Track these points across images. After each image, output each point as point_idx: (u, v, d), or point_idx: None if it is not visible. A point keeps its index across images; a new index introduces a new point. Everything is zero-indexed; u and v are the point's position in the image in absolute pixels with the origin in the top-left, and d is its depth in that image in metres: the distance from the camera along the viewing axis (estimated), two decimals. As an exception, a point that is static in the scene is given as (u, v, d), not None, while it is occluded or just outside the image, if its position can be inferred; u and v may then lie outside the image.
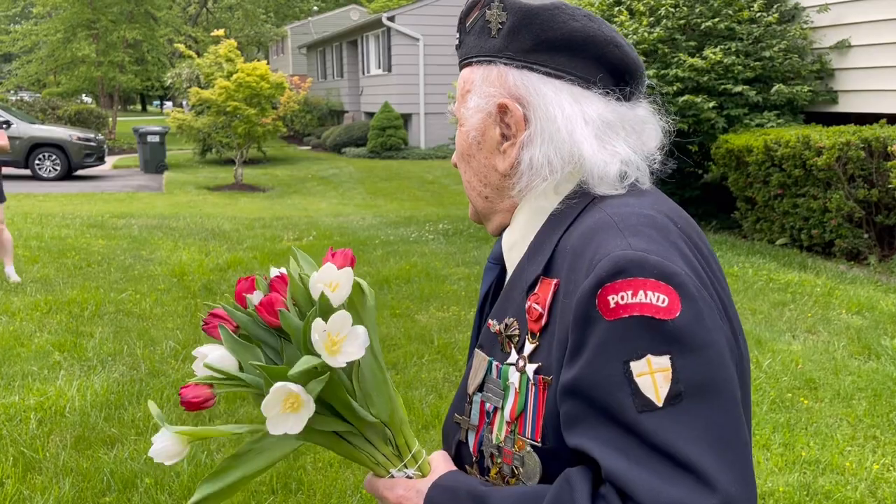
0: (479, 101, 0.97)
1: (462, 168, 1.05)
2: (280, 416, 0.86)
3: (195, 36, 27.33)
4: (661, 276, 0.79)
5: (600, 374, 0.79)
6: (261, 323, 0.94)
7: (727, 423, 0.77)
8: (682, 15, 7.78)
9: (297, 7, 36.79)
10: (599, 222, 0.87)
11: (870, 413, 3.70)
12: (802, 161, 6.62)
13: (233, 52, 15.77)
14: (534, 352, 0.89)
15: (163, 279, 6.81)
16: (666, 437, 0.75)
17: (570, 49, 0.93)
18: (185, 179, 16.39)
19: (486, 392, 0.95)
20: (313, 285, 0.94)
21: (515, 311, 0.94)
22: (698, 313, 0.79)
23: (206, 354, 0.93)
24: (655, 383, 0.77)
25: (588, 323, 0.80)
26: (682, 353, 0.77)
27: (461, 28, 1.03)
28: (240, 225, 10.05)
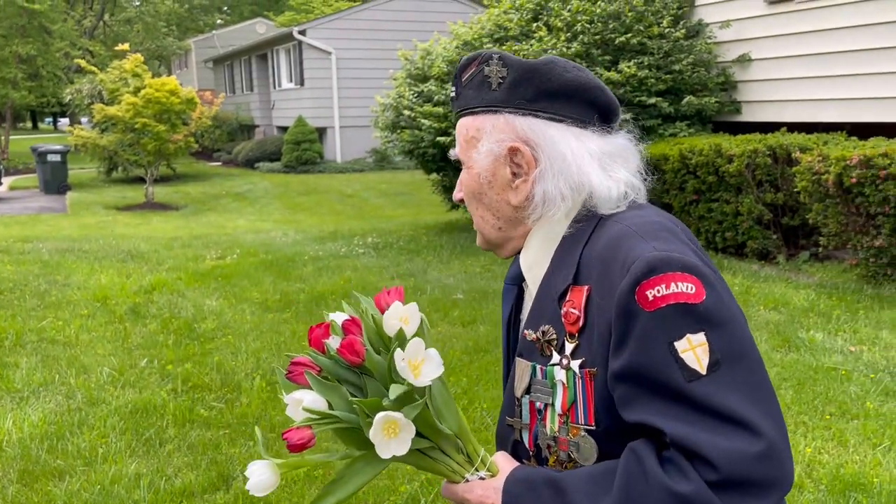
0: (490, 146, 1.12)
1: (473, 205, 1.19)
2: (385, 440, 0.98)
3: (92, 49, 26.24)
4: (685, 268, 0.95)
5: (649, 357, 0.94)
6: (342, 364, 1.04)
7: (759, 379, 0.95)
8: (598, 31, 8.13)
9: (201, 20, 35.93)
10: (620, 232, 1.04)
11: (797, 401, 3.98)
12: (715, 168, 7.03)
13: (139, 67, 15.30)
14: (575, 350, 1.04)
15: (85, 304, 6.54)
16: (715, 399, 0.91)
17: (567, 96, 1.11)
18: (92, 200, 15.71)
19: (535, 393, 1.08)
20: (387, 322, 1.05)
21: (549, 318, 1.08)
22: (718, 295, 0.96)
23: (300, 399, 1.02)
24: (697, 356, 0.92)
25: (630, 316, 0.95)
26: (713, 329, 0.93)
27: (457, 82, 1.17)
28: (157, 245, 9.74)
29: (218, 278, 7.53)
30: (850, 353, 4.61)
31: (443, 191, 10.53)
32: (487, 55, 1.13)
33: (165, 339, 5.47)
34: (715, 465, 0.89)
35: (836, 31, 7.23)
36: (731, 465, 0.89)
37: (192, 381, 4.56)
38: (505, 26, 8.58)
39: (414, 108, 8.79)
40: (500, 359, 1.33)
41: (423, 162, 9.59)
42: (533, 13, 8.63)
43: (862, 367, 4.38)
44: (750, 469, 0.89)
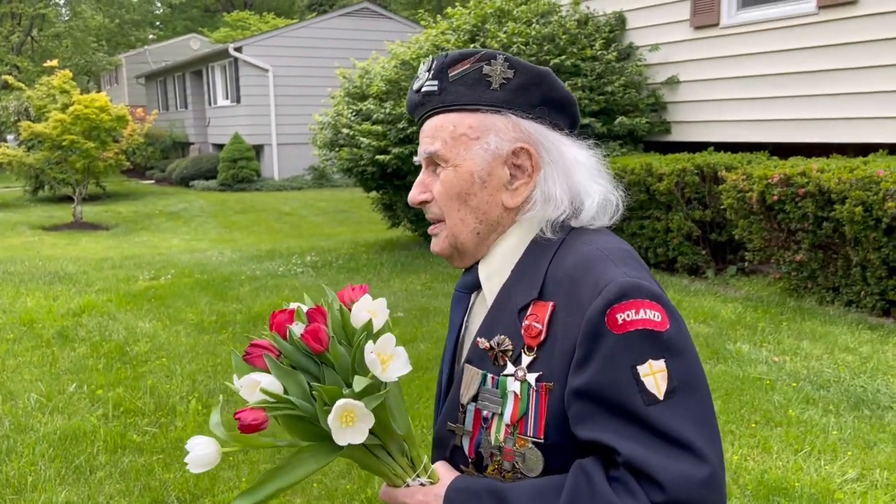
0: (495, 144, 1.12)
1: (453, 206, 1.15)
2: (341, 428, 0.97)
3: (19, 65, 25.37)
4: (653, 297, 1.00)
5: (612, 378, 0.97)
6: (303, 351, 1.04)
7: (707, 408, 1.00)
8: (533, 52, 8.31)
9: (133, 35, 35.14)
10: (591, 255, 1.07)
11: (724, 410, 4.13)
12: (646, 186, 7.25)
13: (68, 84, 14.87)
14: (532, 362, 1.05)
15: (10, 328, 6.31)
16: (669, 424, 0.95)
17: (562, 107, 1.16)
18: (17, 220, 15.13)
19: (482, 401, 1.09)
20: (356, 314, 1.06)
21: (506, 329, 1.09)
22: (680, 325, 1.02)
23: (258, 381, 1.01)
24: (657, 382, 0.96)
25: (598, 337, 0.98)
26: (673, 357, 0.98)
27: (440, 77, 1.14)
28: (86, 266, 9.45)
29: (151, 300, 7.36)
30: (773, 364, 4.81)
31: (382, 208, 10.54)
32: (491, 53, 1.14)
33: (95, 363, 5.32)
34: (663, 487, 0.92)
35: (757, 56, 7.58)
36: (678, 489, 0.92)
37: (123, 406, 4.44)
38: (442, 47, 8.69)
39: (353, 126, 8.80)
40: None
41: (362, 180, 9.59)
42: (470, 34, 8.77)
43: (785, 377, 4.58)
44: (694, 493, 0.93)
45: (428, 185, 1.17)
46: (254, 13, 36.56)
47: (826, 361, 4.82)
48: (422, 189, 1.18)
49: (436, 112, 1.15)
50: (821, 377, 4.56)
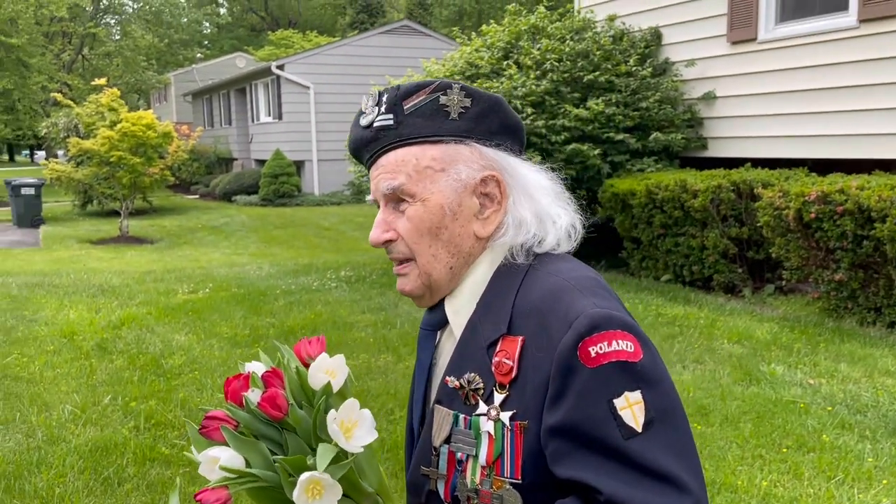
0: (463, 175, 1.08)
1: (424, 243, 1.10)
2: (308, 502, 0.93)
3: (70, 83, 26.24)
4: (625, 327, 0.98)
5: (588, 413, 0.94)
6: (262, 418, 0.99)
7: (685, 437, 0.97)
8: (566, 69, 8.30)
9: (181, 54, 36.08)
10: (558, 286, 1.04)
11: (755, 434, 4.03)
12: (681, 203, 7.16)
13: (116, 102, 15.32)
14: (505, 401, 1.01)
15: (51, 340, 6.48)
16: (649, 457, 0.92)
17: (515, 133, 1.14)
18: (65, 233, 15.59)
19: (455, 443, 1.05)
20: (314, 375, 1.01)
21: (475, 366, 1.05)
22: (653, 354, 0.99)
23: (216, 457, 0.96)
24: (634, 414, 0.94)
25: (571, 372, 0.96)
26: (648, 387, 0.96)
27: (395, 110, 1.09)
28: (129, 279, 9.68)
29: (189, 313, 7.50)
30: (808, 387, 4.69)
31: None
32: (445, 83, 1.10)
33: (131, 376, 5.43)
34: None
35: (796, 71, 7.45)
36: None
37: (155, 419, 4.53)
38: (476, 64, 8.74)
39: (387, 143, 8.87)
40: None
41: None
42: (504, 51, 8.80)
43: (820, 401, 4.45)
44: None
45: (391, 223, 1.12)
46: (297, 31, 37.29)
47: (864, 385, 4.68)
48: (384, 228, 1.12)
49: (393, 147, 1.10)
50: (858, 401, 4.43)
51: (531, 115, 8.01)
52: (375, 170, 1.12)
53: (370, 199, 1.15)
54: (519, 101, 8.04)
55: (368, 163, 1.13)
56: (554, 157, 8.02)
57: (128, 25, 32.55)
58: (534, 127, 7.94)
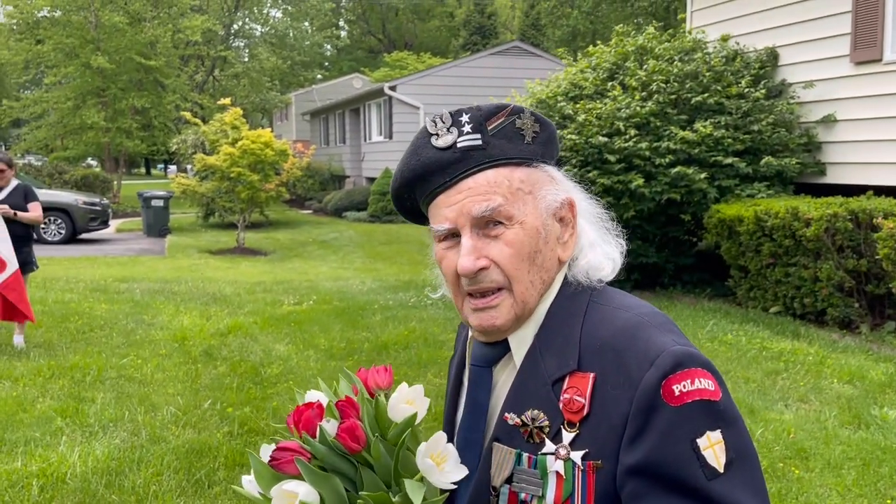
0: (549, 198, 1.07)
1: (523, 269, 1.05)
2: None
3: (201, 102, 28.00)
4: (704, 365, 0.96)
5: (670, 452, 0.92)
6: (338, 451, 0.95)
7: (761, 477, 0.97)
8: (673, 90, 8.09)
9: (302, 76, 37.76)
10: (632, 322, 1.01)
11: (858, 482, 3.75)
12: (792, 231, 6.79)
13: (238, 120, 16.19)
14: (575, 439, 0.98)
15: (164, 344, 6.90)
16: (731, 497, 0.91)
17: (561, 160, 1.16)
18: (188, 243, 16.59)
19: (518, 482, 1.01)
20: (395, 406, 0.98)
21: (539, 403, 1.01)
22: (727, 393, 0.98)
23: (295, 492, 0.92)
24: (716, 454, 0.93)
25: (653, 410, 0.94)
26: (728, 427, 0.95)
27: (480, 129, 1.05)
28: (241, 289, 10.16)
29: (291, 324, 7.79)
30: (925, 435, 4.31)
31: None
32: (518, 108, 1.08)
33: (231, 382, 5.70)
34: None
35: (927, 93, 6.94)
36: None
37: (248, 425, 4.73)
38: (580, 85, 8.66)
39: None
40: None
41: (496, 216, 9.67)
42: (609, 72, 8.68)
43: (937, 451, 4.09)
44: None
45: (481, 249, 1.04)
46: (412, 53, 38.23)
47: None
48: (477, 255, 1.03)
49: (482, 168, 1.05)
50: (982, 455, 4.03)
51: (634, 137, 7.85)
52: (457, 193, 1.05)
53: (442, 228, 1.06)
54: (622, 123, 7.90)
55: (442, 188, 1.06)
56: (658, 179, 7.82)
57: (255, 48, 34.45)
58: (637, 149, 7.77)
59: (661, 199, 7.89)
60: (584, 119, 8.08)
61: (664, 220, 8.44)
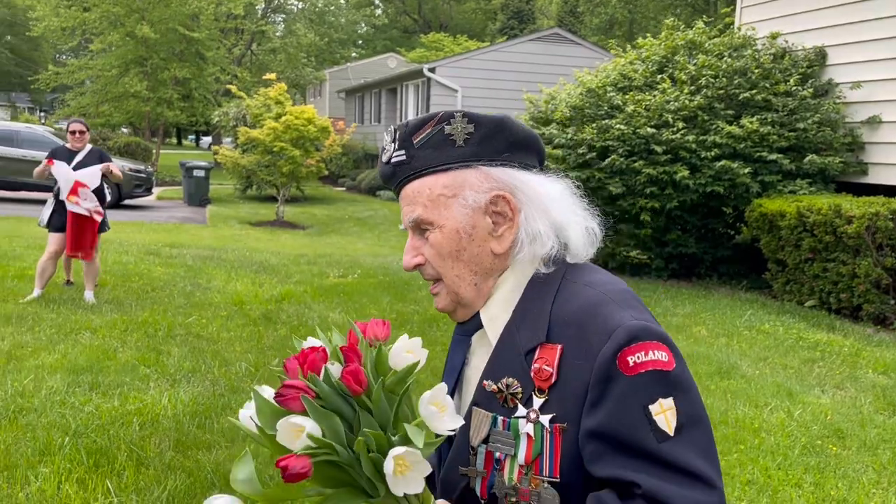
0: (471, 199, 1.15)
1: (447, 265, 1.18)
2: (397, 478, 0.97)
3: (239, 76, 28.40)
4: (660, 338, 1.06)
5: (625, 418, 1.03)
6: (340, 392, 1.01)
7: (711, 440, 1.08)
8: (722, 85, 8.28)
9: (339, 53, 38.01)
10: (595, 298, 1.11)
11: (893, 462, 4.02)
12: (833, 228, 7.00)
13: (282, 95, 16.54)
14: (544, 405, 1.09)
15: (224, 307, 7.27)
16: (681, 458, 1.02)
17: (526, 147, 1.20)
18: (228, 214, 17.02)
19: (494, 443, 1.12)
20: (397, 355, 1.04)
21: (513, 371, 1.12)
22: (683, 364, 1.08)
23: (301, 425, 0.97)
24: (667, 419, 1.03)
25: (610, 380, 1.04)
26: (680, 395, 1.05)
27: (406, 146, 1.17)
28: (285, 260, 10.53)
29: (340, 294, 8.14)
30: (958, 424, 4.56)
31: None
32: (448, 113, 1.16)
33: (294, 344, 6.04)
34: None
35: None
36: None
37: (317, 382, 5.08)
38: (630, 76, 8.87)
39: (534, 149, 9.18)
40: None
41: (539, 201, 9.93)
42: (658, 65, 8.88)
43: (969, 439, 4.34)
44: None
45: (418, 248, 1.20)
46: (448, 35, 38.32)
47: None
48: (414, 253, 1.20)
49: (409, 179, 1.18)
50: None
51: (682, 130, 8.06)
52: (401, 201, 1.21)
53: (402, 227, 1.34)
54: (671, 115, 8.12)
55: (395, 194, 1.23)
56: (702, 172, 8.04)
57: (293, 24, 34.76)
58: (683, 141, 7.99)
59: (704, 191, 8.12)
60: (633, 110, 8.31)
61: (705, 212, 8.67)
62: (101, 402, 4.41)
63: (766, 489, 3.66)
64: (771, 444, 4.19)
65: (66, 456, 3.63)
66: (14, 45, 49.90)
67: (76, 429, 3.96)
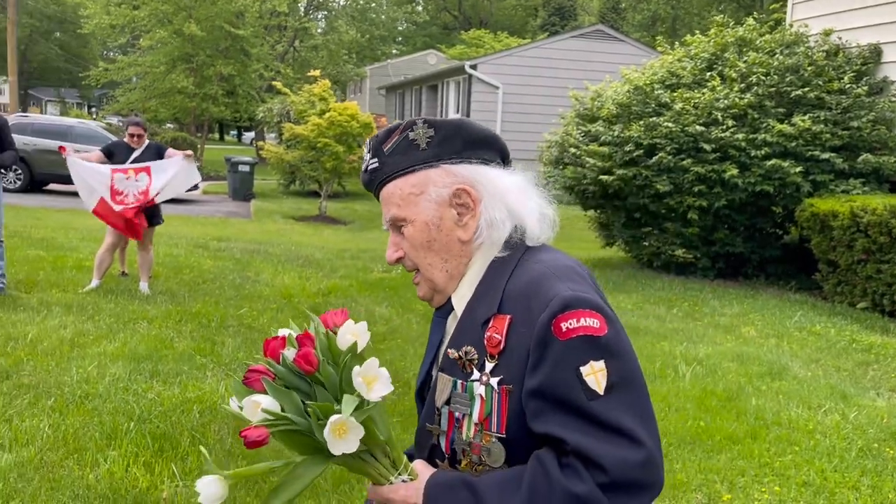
0: (437, 193, 1.30)
1: (421, 255, 1.32)
2: (336, 440, 1.13)
3: (282, 72, 28.75)
4: (592, 307, 1.17)
5: (559, 378, 1.14)
6: (296, 373, 1.19)
7: (644, 402, 1.17)
8: (773, 83, 8.16)
9: (380, 50, 38.23)
10: (540, 273, 1.24)
11: (955, 467, 3.94)
12: (889, 229, 6.87)
13: (326, 92, 16.71)
14: (494, 368, 1.22)
15: (273, 299, 7.41)
16: (609, 415, 1.12)
17: (485, 144, 1.34)
18: (272, 209, 17.27)
19: (454, 404, 1.26)
20: (342, 336, 1.21)
21: (471, 340, 1.25)
22: (617, 331, 1.18)
23: (259, 402, 1.16)
24: (598, 380, 1.14)
25: (546, 344, 1.16)
26: (611, 358, 1.15)
27: (378, 154, 1.33)
28: (329, 255, 10.66)
29: (385, 289, 8.23)
30: None
31: (598, 227, 10.80)
32: (411, 122, 1.31)
33: (343, 337, 6.14)
34: (606, 470, 1.09)
35: None
36: (619, 470, 1.09)
37: (367, 375, 5.16)
38: (678, 74, 8.80)
39: (580, 146, 9.17)
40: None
41: (582, 198, 9.92)
42: (708, 62, 8.79)
43: None
44: (633, 474, 1.10)
45: (398, 244, 1.34)
46: (488, 31, 38.26)
47: None
48: (395, 249, 1.35)
49: (383, 183, 1.33)
50: None
51: (731, 128, 7.98)
52: (381, 204, 1.36)
53: (384, 227, 1.39)
54: (720, 113, 8.03)
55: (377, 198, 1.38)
56: (751, 170, 7.94)
57: (335, 21, 35.05)
58: (733, 139, 7.90)
59: (753, 190, 8.02)
60: (682, 108, 8.24)
61: (753, 211, 8.56)
62: (161, 389, 4.55)
63: (823, 491, 3.63)
64: (826, 446, 4.15)
65: (132, 440, 3.76)
66: (63, 41, 51.18)
67: (140, 414, 4.09)
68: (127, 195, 6.89)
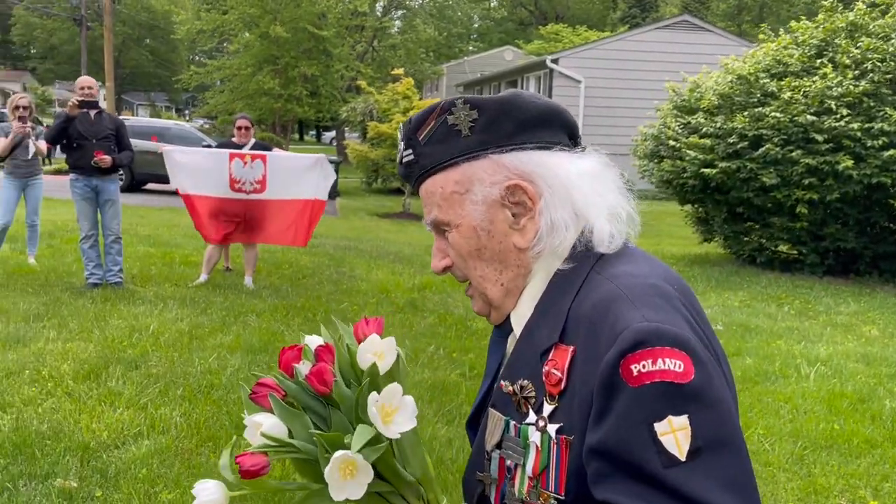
0: (484, 192, 1.04)
1: (469, 265, 1.08)
2: (340, 482, 0.92)
3: (362, 72, 29.17)
4: (676, 343, 0.89)
5: (627, 435, 0.88)
6: (309, 391, 1.00)
7: (741, 469, 0.88)
8: (889, 69, 7.73)
9: (457, 47, 38.33)
10: (610, 294, 0.96)
11: None
12: None
13: (409, 90, 16.86)
14: (553, 412, 0.97)
15: (371, 294, 7.49)
16: (691, 489, 0.85)
17: (544, 122, 1.06)
18: (357, 206, 17.53)
19: (506, 449, 1.02)
20: (362, 356, 1.01)
21: (529, 373, 1.01)
22: (708, 375, 0.89)
23: (260, 423, 0.97)
24: (677, 441, 0.86)
25: (613, 390, 0.89)
26: (698, 412, 0.87)
27: (412, 144, 1.08)
28: (418, 250, 10.74)
29: (481, 285, 8.20)
30: None
31: (696, 222, 10.48)
32: (448, 103, 1.06)
33: (446, 332, 6.15)
34: None
35: None
36: None
37: (477, 370, 5.14)
38: (784, 62, 8.44)
39: (679, 139, 8.91)
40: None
41: (681, 192, 9.65)
42: (817, 49, 8.40)
43: None
44: None
45: (444, 250, 1.11)
46: (567, 26, 37.81)
47: None
48: (441, 256, 1.12)
49: (422, 178, 1.09)
50: None
51: (846, 117, 7.59)
52: (422, 202, 1.13)
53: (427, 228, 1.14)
54: (833, 102, 7.66)
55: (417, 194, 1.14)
56: (867, 162, 7.55)
57: (413, 20, 35.31)
58: (847, 129, 7.52)
59: (868, 182, 7.61)
60: (790, 97, 7.89)
61: (866, 205, 8.14)
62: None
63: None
64: (977, 452, 3.89)
65: (259, 430, 3.85)
66: (153, 47, 53.40)
67: (264, 405, 4.18)
68: (244, 183, 7.06)
